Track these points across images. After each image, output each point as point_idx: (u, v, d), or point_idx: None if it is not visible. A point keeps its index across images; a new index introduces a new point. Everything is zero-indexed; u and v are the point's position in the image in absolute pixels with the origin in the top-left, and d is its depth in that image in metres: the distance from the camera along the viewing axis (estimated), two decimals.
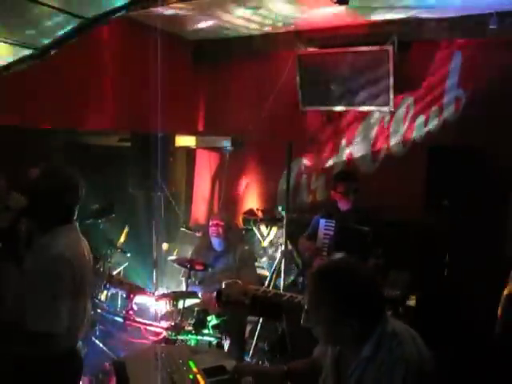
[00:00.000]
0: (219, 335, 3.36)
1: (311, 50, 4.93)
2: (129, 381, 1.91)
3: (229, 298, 2.67)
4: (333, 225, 3.95)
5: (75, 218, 2.33)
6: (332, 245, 3.80)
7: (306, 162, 5.26)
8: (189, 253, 4.58)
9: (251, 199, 5.62)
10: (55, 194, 2.22)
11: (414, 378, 1.54)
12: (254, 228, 5.07)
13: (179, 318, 3.41)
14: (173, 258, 3.81)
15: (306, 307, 1.75)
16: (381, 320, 1.66)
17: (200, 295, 3.84)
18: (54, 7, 2.62)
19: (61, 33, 2.91)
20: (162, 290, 4.57)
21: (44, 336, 2.08)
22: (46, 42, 3.05)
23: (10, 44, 2.94)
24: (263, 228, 5.06)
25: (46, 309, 2.08)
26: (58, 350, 2.18)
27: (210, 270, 3.68)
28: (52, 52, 3.10)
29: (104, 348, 3.79)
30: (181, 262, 3.75)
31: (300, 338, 2.52)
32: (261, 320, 3.87)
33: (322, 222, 4.03)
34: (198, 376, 1.92)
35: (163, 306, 3.79)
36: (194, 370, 1.97)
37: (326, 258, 3.77)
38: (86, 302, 2.36)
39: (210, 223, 4.20)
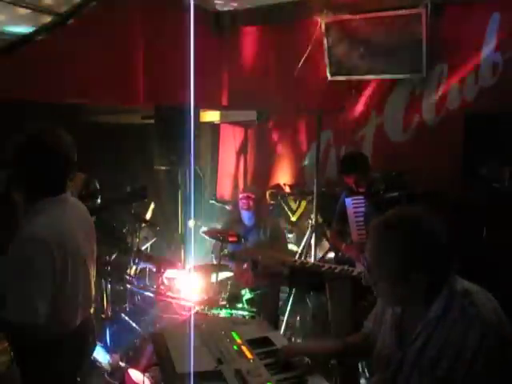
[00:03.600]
0: (253, 309, 3.27)
1: (339, 16, 4.73)
2: (169, 352, 1.82)
3: (266, 268, 2.58)
4: (361, 199, 3.81)
5: (66, 188, 2.07)
6: (369, 218, 3.65)
7: (334, 134, 5.10)
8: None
9: (278, 174, 5.50)
10: (39, 158, 1.96)
11: (492, 341, 1.40)
12: (283, 203, 4.97)
13: (212, 292, 3.33)
14: (204, 229, 3.70)
15: (366, 264, 1.61)
16: (450, 277, 1.53)
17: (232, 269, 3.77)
18: None
19: None
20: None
21: (19, 326, 1.89)
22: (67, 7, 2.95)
23: (32, 10, 2.83)
24: (292, 202, 4.95)
25: (18, 298, 1.88)
26: (44, 338, 1.98)
27: (242, 241, 3.58)
28: (73, 19, 2.99)
29: (133, 324, 3.76)
30: (213, 233, 3.65)
31: (343, 308, 2.42)
32: (292, 295, 3.79)
33: (349, 200, 3.86)
34: (243, 347, 1.83)
35: (195, 280, 3.71)
36: (238, 341, 1.89)
37: (365, 233, 3.64)
38: (87, 278, 2.16)
39: (241, 196, 4.10)
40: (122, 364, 3.36)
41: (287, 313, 3.76)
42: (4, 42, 3.18)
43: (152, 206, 4.45)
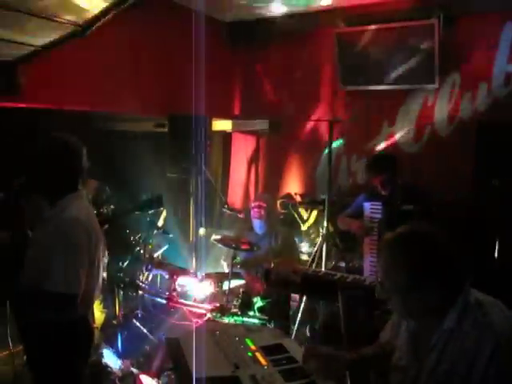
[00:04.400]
0: (265, 317, 3.27)
1: (351, 27, 4.77)
2: (185, 357, 1.84)
3: (278, 276, 2.59)
4: (379, 207, 3.81)
5: (80, 186, 2.30)
6: (382, 226, 3.65)
7: (345, 143, 5.12)
8: None
9: (289, 183, 5.52)
10: (55, 157, 2.20)
11: (505, 350, 1.42)
12: (293, 212, 4.98)
13: (224, 300, 3.34)
14: (217, 237, 3.72)
15: (379, 278, 1.65)
16: (463, 290, 1.55)
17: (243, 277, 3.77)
18: None
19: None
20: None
21: (67, 297, 2.08)
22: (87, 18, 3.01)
23: (48, 20, 2.89)
24: (303, 212, 4.95)
25: (65, 270, 2.07)
26: (74, 314, 2.18)
27: (255, 249, 3.58)
28: (93, 28, 3.05)
29: (145, 331, 3.78)
30: (226, 241, 3.66)
31: (355, 318, 2.42)
32: (302, 305, 3.79)
33: (367, 205, 3.88)
34: (257, 353, 1.84)
35: (207, 288, 3.72)
36: (252, 347, 1.90)
37: (377, 239, 3.64)
38: (99, 270, 2.34)
39: (253, 205, 4.11)
40: (134, 370, 3.38)
41: (297, 321, 3.77)
42: (23, 52, 3.25)
43: (164, 213, 4.49)
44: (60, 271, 2.06)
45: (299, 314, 3.82)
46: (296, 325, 3.78)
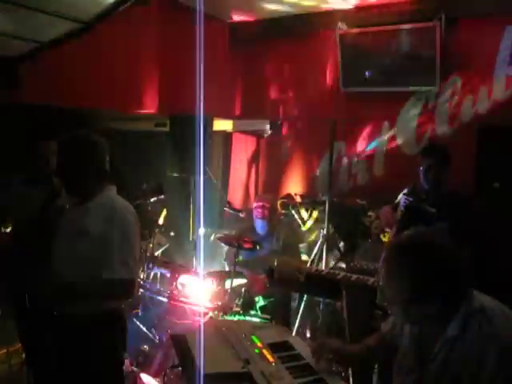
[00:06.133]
0: (267, 316, 3.27)
1: (353, 29, 4.79)
2: (192, 354, 1.84)
3: (282, 275, 2.59)
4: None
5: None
6: (402, 222, 3.58)
7: (346, 145, 5.13)
8: None
9: (289, 183, 5.52)
10: (99, 149, 2.28)
11: (511, 357, 1.40)
12: (294, 212, 4.97)
13: (226, 298, 3.34)
14: (219, 235, 3.71)
15: (380, 284, 1.63)
16: (466, 297, 1.53)
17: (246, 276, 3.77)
18: None
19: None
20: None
21: (124, 283, 2.14)
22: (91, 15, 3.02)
23: (54, 16, 2.89)
24: (303, 212, 4.95)
25: (124, 256, 2.13)
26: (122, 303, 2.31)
27: (257, 248, 3.58)
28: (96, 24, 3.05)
29: (145, 330, 3.77)
30: (228, 240, 3.66)
31: (359, 316, 2.43)
32: (303, 304, 3.79)
33: (403, 198, 3.80)
34: (264, 350, 1.85)
35: (208, 286, 3.72)
36: (259, 344, 1.90)
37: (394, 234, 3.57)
38: None
39: (255, 205, 4.12)
40: (134, 368, 3.37)
41: (298, 320, 3.77)
42: (28, 48, 3.24)
43: (164, 212, 4.48)
44: (119, 258, 2.12)
45: (299, 314, 3.83)
46: (296, 324, 3.79)
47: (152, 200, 3.97)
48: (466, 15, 4.37)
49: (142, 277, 3.73)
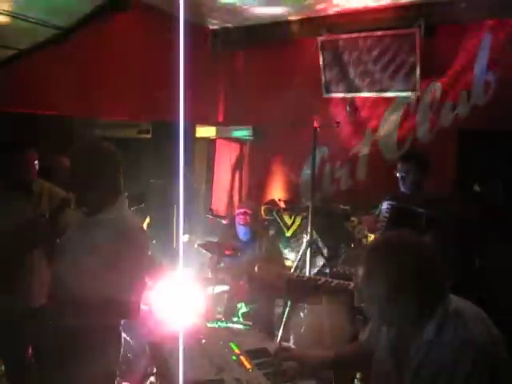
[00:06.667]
0: (249, 323, 3.25)
1: (334, 35, 4.82)
2: (167, 362, 1.82)
3: (263, 281, 2.58)
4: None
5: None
6: (386, 225, 3.56)
7: (329, 150, 5.15)
8: None
9: (273, 189, 5.53)
10: (112, 161, 2.19)
11: (486, 362, 1.39)
12: (277, 218, 4.98)
13: (208, 305, 3.31)
14: (201, 243, 3.69)
15: (358, 285, 1.62)
16: (443, 299, 1.52)
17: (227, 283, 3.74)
18: None
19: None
20: None
21: (129, 303, 2.02)
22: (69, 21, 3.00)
23: (33, 23, 2.87)
24: (287, 218, 4.96)
25: (134, 275, 2.04)
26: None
27: (238, 254, 3.57)
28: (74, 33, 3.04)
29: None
30: (209, 246, 3.64)
31: (339, 322, 2.43)
32: (287, 310, 3.77)
33: (385, 204, 3.82)
34: (242, 357, 1.84)
35: (190, 293, 3.68)
36: (237, 351, 1.89)
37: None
38: None
39: (237, 211, 4.10)
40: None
41: (282, 326, 3.75)
42: (5, 55, 3.21)
43: (147, 219, 4.45)
44: (125, 277, 2.00)
45: (284, 318, 3.81)
46: (281, 330, 3.77)
47: (132, 209, 3.92)
48: (445, 22, 4.43)
49: None
